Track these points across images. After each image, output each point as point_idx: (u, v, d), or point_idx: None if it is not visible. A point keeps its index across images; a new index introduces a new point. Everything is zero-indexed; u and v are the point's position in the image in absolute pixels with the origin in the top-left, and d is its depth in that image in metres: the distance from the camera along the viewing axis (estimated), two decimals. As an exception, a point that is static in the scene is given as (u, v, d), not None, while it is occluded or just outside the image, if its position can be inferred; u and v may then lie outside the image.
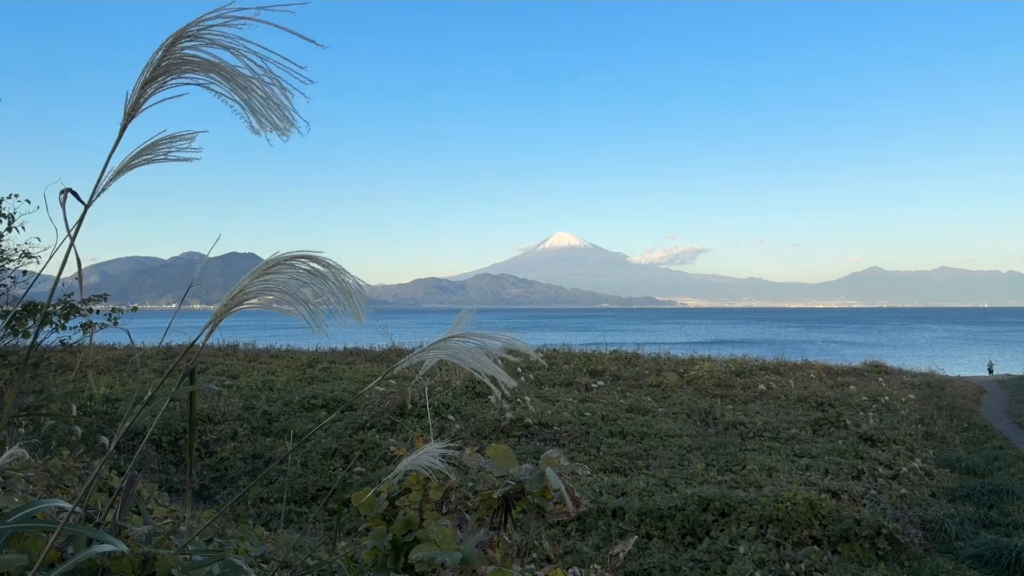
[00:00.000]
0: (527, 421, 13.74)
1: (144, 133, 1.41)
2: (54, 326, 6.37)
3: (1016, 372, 33.32)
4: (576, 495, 1.87)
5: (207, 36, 1.30)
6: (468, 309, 1.61)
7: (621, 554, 1.85)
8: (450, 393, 15.53)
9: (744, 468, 11.30)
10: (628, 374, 21.24)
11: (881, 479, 11.11)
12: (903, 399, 18.50)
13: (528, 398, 15.52)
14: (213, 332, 1.48)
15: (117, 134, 1.33)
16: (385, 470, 10.45)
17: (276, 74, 1.29)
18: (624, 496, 9.53)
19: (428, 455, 1.66)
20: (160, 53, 1.31)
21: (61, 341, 6.92)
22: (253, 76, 1.30)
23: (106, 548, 1.21)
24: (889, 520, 8.65)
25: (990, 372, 34.43)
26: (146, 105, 1.34)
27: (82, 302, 6.94)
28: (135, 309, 8.98)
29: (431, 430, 2.26)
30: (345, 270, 1.41)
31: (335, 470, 11.29)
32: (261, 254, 1.44)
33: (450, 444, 1.77)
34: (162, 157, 1.37)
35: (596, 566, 1.88)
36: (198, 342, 1.54)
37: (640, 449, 12.61)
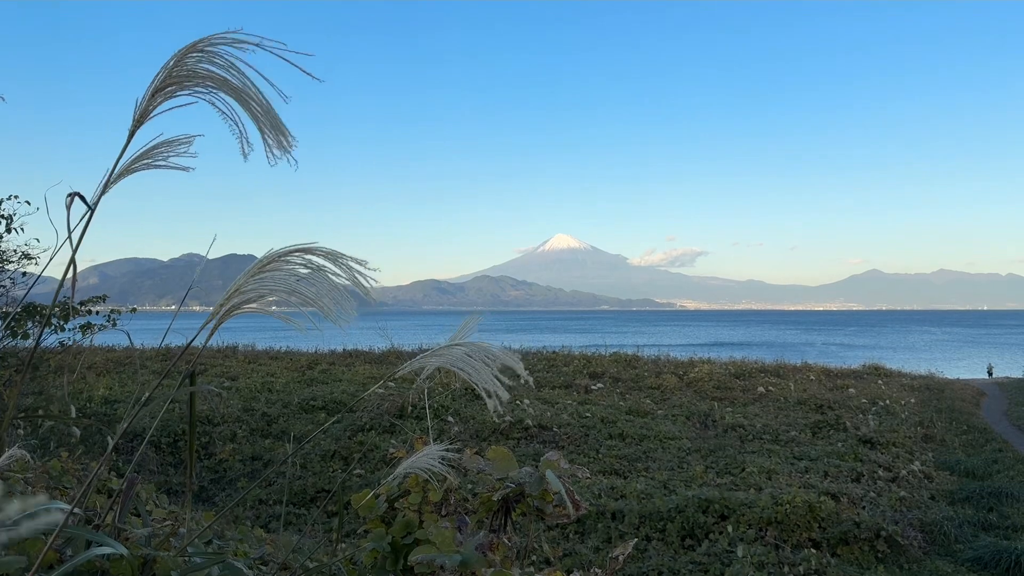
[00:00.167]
0: (526, 423, 13.74)
1: (144, 134, 1.42)
2: (53, 327, 6.36)
3: (1015, 375, 33.32)
4: (576, 498, 1.87)
5: (215, 54, 1.37)
6: (473, 316, 1.61)
7: (621, 557, 1.85)
8: (449, 395, 15.52)
9: (743, 470, 11.30)
10: (627, 376, 21.23)
11: (880, 482, 11.11)
12: (902, 402, 18.50)
13: (527, 400, 15.51)
14: (212, 334, 1.48)
15: (125, 139, 1.35)
16: (384, 472, 10.42)
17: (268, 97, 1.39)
18: (623, 498, 9.53)
19: (427, 457, 1.66)
20: (172, 62, 1.35)
21: (60, 342, 6.91)
22: (253, 95, 1.37)
23: (105, 550, 1.21)
24: (888, 523, 8.64)
25: (989, 375, 34.44)
26: (154, 113, 1.36)
27: (81, 303, 6.93)
28: (134, 310, 8.97)
29: (430, 432, 2.26)
30: (342, 254, 1.40)
31: (334, 472, 11.28)
32: (260, 255, 1.44)
33: (449, 446, 1.77)
34: (161, 163, 1.38)
35: (596, 569, 1.88)
36: (196, 343, 1.54)
37: (639, 451, 12.61)
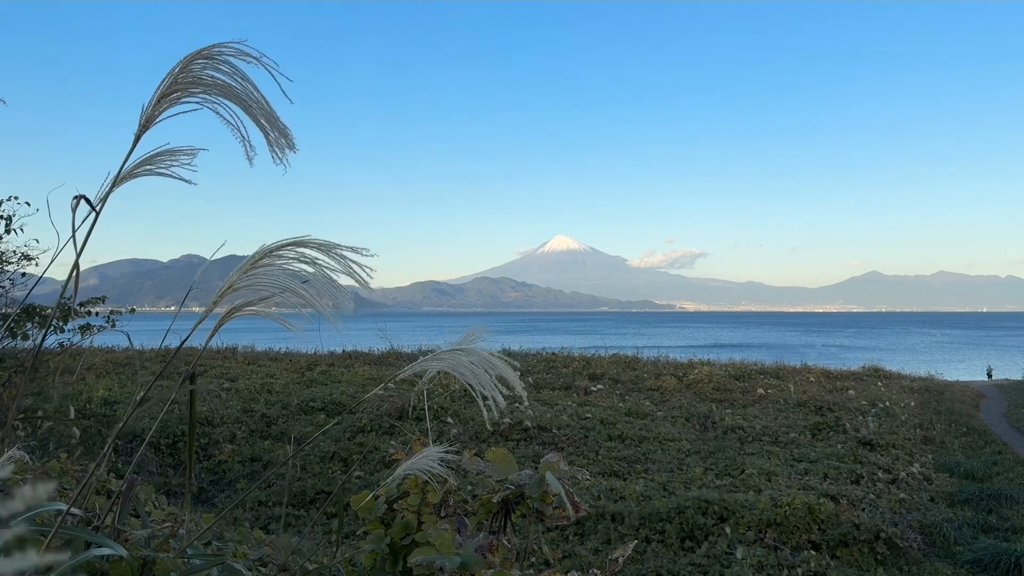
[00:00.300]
0: (525, 424, 13.73)
1: (148, 138, 1.43)
2: (53, 328, 6.36)
3: (1015, 377, 33.31)
4: (576, 500, 1.87)
5: (220, 61, 1.42)
6: (479, 327, 1.61)
7: (620, 559, 1.85)
8: (448, 396, 15.51)
9: (743, 472, 11.29)
10: (627, 378, 21.22)
11: (880, 483, 11.11)
12: (902, 404, 18.49)
13: (527, 402, 15.49)
14: (213, 335, 1.48)
15: (127, 140, 1.36)
16: (384, 473, 10.42)
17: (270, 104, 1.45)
18: (623, 500, 9.52)
19: (427, 459, 1.66)
20: (178, 68, 1.37)
21: (60, 343, 6.91)
22: (255, 101, 1.43)
23: (104, 551, 1.21)
24: (888, 525, 8.64)
25: (989, 377, 34.44)
26: (160, 118, 1.37)
27: (81, 304, 6.93)
28: (133, 311, 8.97)
29: (430, 433, 2.26)
30: (336, 244, 1.40)
31: (333, 473, 11.27)
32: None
33: (449, 448, 1.77)
34: (164, 171, 1.39)
35: (595, 571, 1.88)
36: (195, 344, 1.53)
37: (639, 453, 12.61)
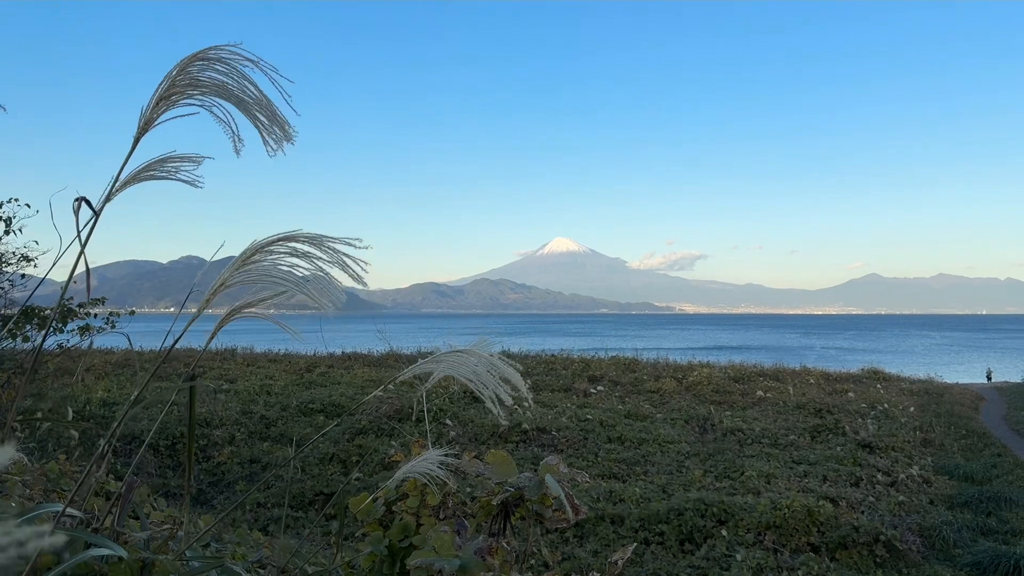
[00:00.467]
0: (524, 427, 13.72)
1: (152, 141, 1.43)
2: (52, 330, 6.35)
3: (1014, 379, 33.28)
4: (575, 502, 1.87)
5: (217, 61, 1.42)
6: (485, 338, 1.61)
7: (620, 561, 1.85)
8: (447, 398, 15.50)
9: (742, 475, 11.29)
10: (626, 380, 21.22)
11: (879, 486, 11.11)
12: (901, 406, 18.49)
13: (526, 404, 15.48)
14: (212, 338, 1.48)
15: (130, 145, 1.36)
16: (383, 475, 10.42)
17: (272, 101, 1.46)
18: (622, 502, 9.52)
19: (426, 462, 1.66)
20: (176, 71, 1.37)
21: (59, 345, 6.90)
22: (254, 100, 1.44)
23: (103, 552, 1.21)
24: (887, 527, 8.64)
25: (988, 379, 34.41)
26: (159, 120, 1.38)
27: (80, 306, 6.93)
28: (132, 313, 8.98)
29: (428, 435, 2.26)
30: (327, 236, 1.39)
31: (333, 475, 11.26)
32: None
33: (448, 451, 1.77)
34: (168, 176, 1.39)
35: (595, 573, 1.88)
36: (192, 345, 1.53)
37: (638, 455, 12.61)
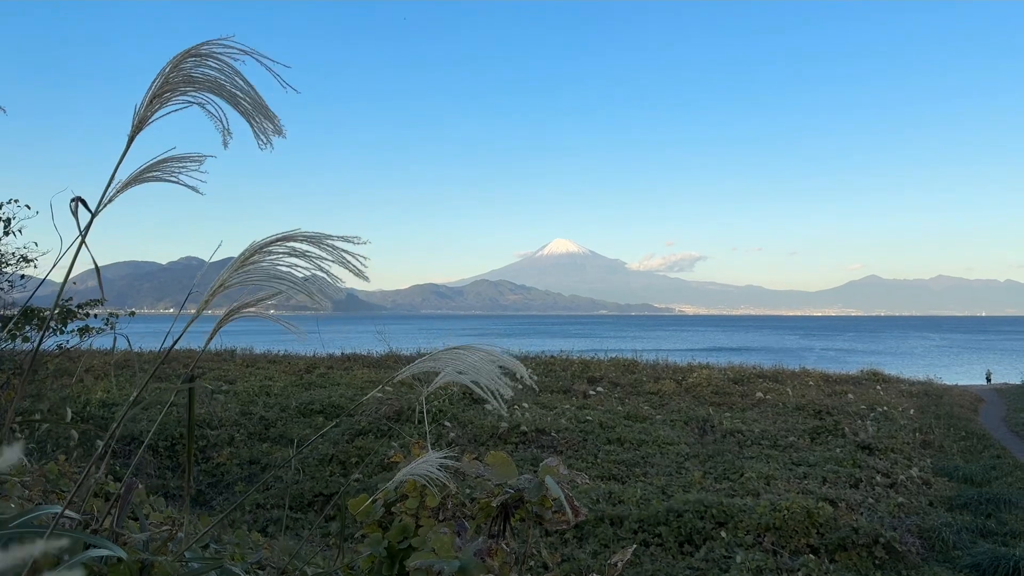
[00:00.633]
0: (523, 428, 13.72)
1: (146, 139, 1.43)
2: (52, 330, 6.35)
3: (1014, 381, 33.28)
4: (576, 504, 1.87)
5: (210, 57, 1.41)
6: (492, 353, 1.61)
7: (620, 563, 1.85)
8: (447, 399, 15.50)
9: (742, 476, 11.28)
10: (626, 381, 21.22)
11: (879, 488, 11.10)
12: (901, 408, 18.49)
13: (526, 404, 15.49)
14: (212, 338, 1.48)
15: (124, 145, 1.35)
16: (382, 476, 10.42)
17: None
18: (621, 504, 9.51)
19: (427, 463, 1.65)
20: (168, 68, 1.37)
21: (58, 345, 6.90)
22: (243, 93, 1.42)
23: (102, 553, 1.21)
24: (887, 529, 8.64)
25: (988, 381, 34.41)
26: (153, 119, 1.37)
27: (79, 307, 6.92)
28: (132, 314, 8.98)
29: (428, 437, 2.25)
30: (326, 235, 1.39)
31: (332, 476, 11.26)
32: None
33: (448, 453, 1.77)
34: (170, 177, 1.39)
35: (594, 575, 1.87)
36: (192, 346, 1.53)
37: (638, 456, 12.60)
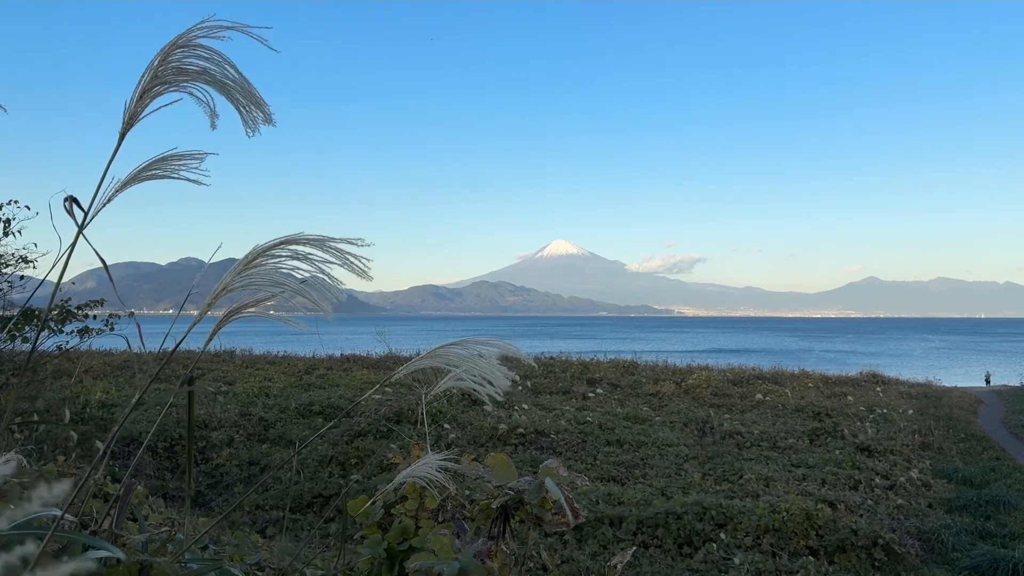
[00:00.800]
0: (522, 430, 13.71)
1: (144, 138, 1.42)
2: (51, 331, 6.35)
3: (1013, 383, 33.28)
4: (575, 506, 1.87)
5: (198, 46, 1.39)
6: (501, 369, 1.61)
7: (619, 565, 1.85)
8: (446, 399, 15.49)
9: (741, 478, 11.28)
10: (626, 383, 21.20)
11: (878, 489, 11.10)
12: (900, 409, 18.49)
13: (525, 406, 15.49)
14: (211, 339, 1.48)
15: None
16: (382, 477, 10.42)
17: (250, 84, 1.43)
18: (621, 505, 9.51)
19: (426, 465, 1.65)
20: (157, 61, 1.35)
21: (58, 346, 6.90)
22: (232, 81, 1.40)
23: (101, 554, 1.20)
24: (886, 530, 8.64)
25: (987, 383, 34.41)
26: (144, 114, 1.36)
27: (79, 308, 6.92)
28: (131, 314, 8.97)
29: (427, 438, 2.25)
30: (329, 238, 1.38)
31: (331, 477, 11.26)
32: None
33: (448, 454, 1.77)
34: (171, 175, 1.38)
35: (594, 576, 1.87)
36: (191, 346, 1.53)
37: (637, 458, 12.59)
